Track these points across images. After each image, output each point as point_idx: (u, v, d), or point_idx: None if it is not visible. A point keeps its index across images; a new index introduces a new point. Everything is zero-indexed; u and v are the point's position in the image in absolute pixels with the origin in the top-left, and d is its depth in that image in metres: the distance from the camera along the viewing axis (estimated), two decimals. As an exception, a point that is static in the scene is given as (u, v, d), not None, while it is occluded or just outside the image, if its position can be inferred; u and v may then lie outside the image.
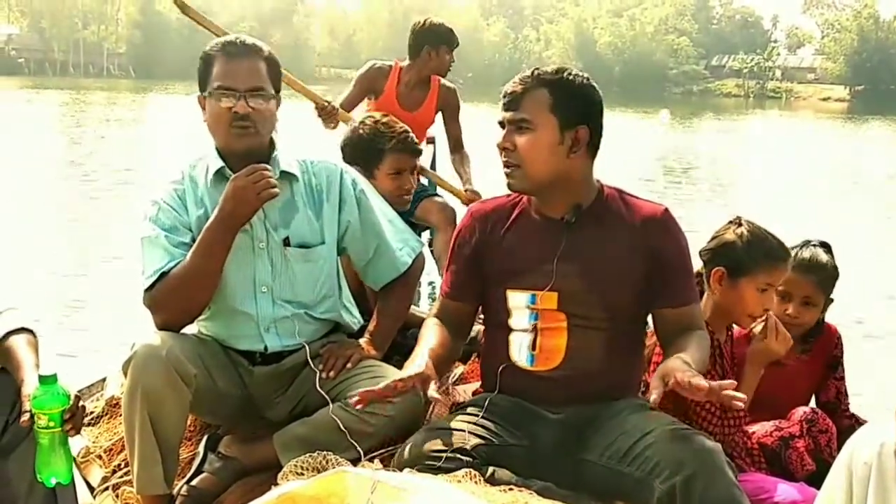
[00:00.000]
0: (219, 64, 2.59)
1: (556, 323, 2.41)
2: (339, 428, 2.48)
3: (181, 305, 2.60)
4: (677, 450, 2.13)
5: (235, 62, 2.58)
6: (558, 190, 2.44)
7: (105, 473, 2.89)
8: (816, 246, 3.03)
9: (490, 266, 2.52)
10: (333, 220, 2.76)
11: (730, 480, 2.08)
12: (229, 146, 2.62)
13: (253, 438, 2.73)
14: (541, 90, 2.39)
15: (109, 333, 5.78)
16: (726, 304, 2.74)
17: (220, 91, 2.56)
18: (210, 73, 2.59)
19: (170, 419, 2.50)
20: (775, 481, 2.63)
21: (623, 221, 2.45)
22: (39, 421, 2.20)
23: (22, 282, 7.44)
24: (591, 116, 2.41)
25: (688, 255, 2.49)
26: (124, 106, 31.99)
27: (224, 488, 2.66)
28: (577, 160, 2.41)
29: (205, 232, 2.56)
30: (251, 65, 2.59)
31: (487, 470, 2.15)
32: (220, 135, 2.62)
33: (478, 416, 2.36)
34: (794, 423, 2.81)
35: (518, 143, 2.40)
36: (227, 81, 2.56)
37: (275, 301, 2.70)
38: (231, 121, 2.57)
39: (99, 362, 4.80)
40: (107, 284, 7.37)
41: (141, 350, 2.48)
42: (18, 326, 2.49)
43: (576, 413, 2.39)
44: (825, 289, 3.00)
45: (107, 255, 8.60)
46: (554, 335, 2.41)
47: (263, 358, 2.72)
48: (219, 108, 2.57)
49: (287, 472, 2.12)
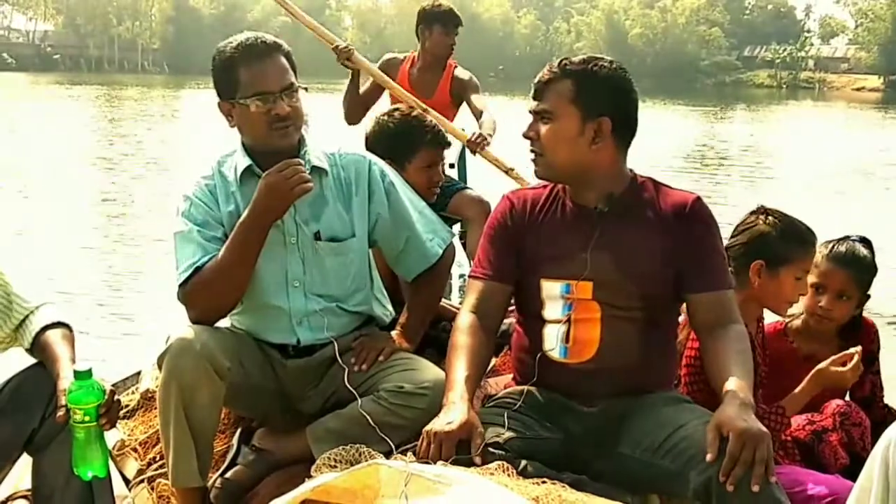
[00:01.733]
0: (245, 69, 2.57)
1: (590, 314, 2.40)
2: (370, 422, 2.48)
3: (215, 300, 2.62)
4: None
5: (263, 64, 2.57)
6: (587, 179, 2.44)
7: (140, 466, 2.92)
8: (856, 241, 2.99)
9: (525, 253, 2.50)
10: (363, 213, 2.76)
11: None
12: (273, 146, 2.61)
13: (286, 431, 2.75)
14: (565, 81, 2.40)
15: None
16: (765, 295, 2.72)
17: (256, 97, 2.56)
18: (235, 80, 2.58)
19: (204, 412, 2.52)
20: (809, 473, 2.61)
21: (656, 210, 2.44)
22: (75, 416, 2.22)
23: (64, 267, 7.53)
24: (616, 107, 2.40)
25: (721, 241, 2.48)
26: (158, 101, 32.26)
27: (258, 481, 2.68)
28: (602, 150, 2.40)
29: (238, 228, 2.57)
30: (278, 63, 2.59)
31: (520, 463, 2.15)
32: (260, 137, 2.62)
33: (511, 410, 2.36)
34: (828, 417, 2.79)
35: (541, 133, 2.42)
36: (261, 86, 2.56)
37: (307, 295, 2.70)
38: (272, 123, 2.58)
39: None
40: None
41: (175, 344, 2.49)
42: (54, 321, 2.52)
43: (609, 406, 2.38)
44: (861, 284, 2.96)
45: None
46: (587, 326, 2.40)
47: (296, 351, 2.73)
48: (257, 114, 2.57)
49: (320, 465, 2.13)
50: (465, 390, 2.27)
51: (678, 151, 19.29)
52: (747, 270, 2.73)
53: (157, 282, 7.07)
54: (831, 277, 2.92)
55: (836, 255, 2.92)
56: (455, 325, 2.49)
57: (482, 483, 1.91)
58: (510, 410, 2.35)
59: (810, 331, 3.04)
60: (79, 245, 9.12)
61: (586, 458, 2.32)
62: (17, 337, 2.53)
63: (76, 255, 8.71)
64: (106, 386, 2.27)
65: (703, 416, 2.25)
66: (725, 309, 2.39)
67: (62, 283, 7.09)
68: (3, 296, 2.51)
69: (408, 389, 2.53)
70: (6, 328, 2.51)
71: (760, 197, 2.25)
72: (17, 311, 2.52)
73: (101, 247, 9.19)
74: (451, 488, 1.81)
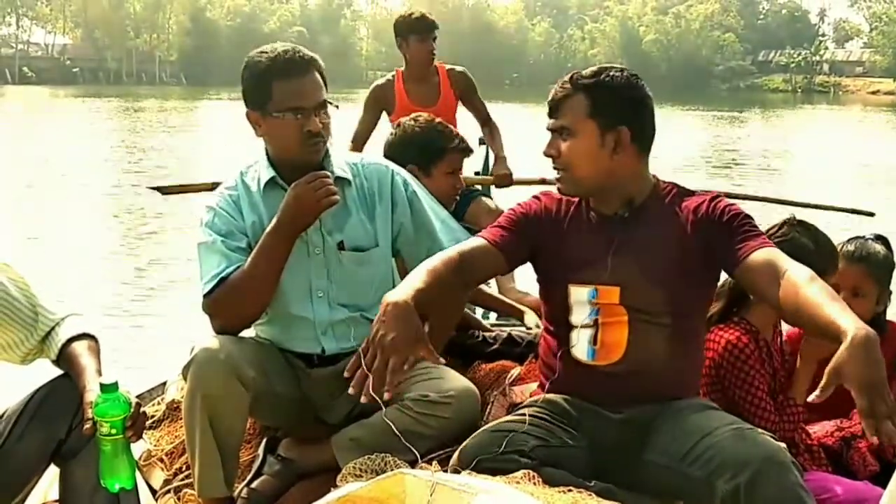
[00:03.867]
0: (281, 84, 2.57)
1: (617, 317, 2.39)
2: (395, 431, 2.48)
3: (240, 311, 2.63)
4: (741, 449, 2.10)
5: (300, 80, 2.59)
6: (609, 188, 2.44)
7: (166, 476, 2.92)
8: (869, 238, 2.98)
9: (549, 258, 2.49)
10: (387, 223, 2.77)
11: (795, 480, 2.05)
12: (303, 161, 2.63)
13: (311, 441, 2.74)
14: (578, 95, 2.40)
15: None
16: None
17: (290, 111, 2.57)
18: (268, 92, 2.58)
19: (229, 422, 2.53)
20: (838, 480, 2.59)
21: (678, 213, 2.43)
22: (101, 428, 2.22)
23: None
24: (633, 115, 2.40)
25: (749, 217, 2.41)
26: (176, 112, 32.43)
27: (283, 490, 2.68)
28: (623, 158, 2.40)
29: (264, 239, 2.59)
30: (314, 80, 2.61)
31: (546, 471, 2.15)
32: (290, 151, 2.63)
33: (536, 418, 2.35)
34: (857, 423, 2.76)
35: (561, 150, 2.42)
36: (297, 102, 2.57)
37: (331, 305, 2.71)
38: (305, 139, 2.59)
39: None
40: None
41: (200, 354, 2.51)
42: (80, 332, 2.54)
43: (636, 413, 2.37)
44: (877, 279, 2.93)
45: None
46: (615, 329, 2.39)
47: (321, 360, 2.74)
48: (291, 128, 2.58)
49: (346, 475, 2.13)
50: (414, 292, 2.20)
51: (693, 155, 19.24)
52: None
53: (182, 291, 7.10)
54: (844, 275, 2.89)
55: (846, 253, 2.91)
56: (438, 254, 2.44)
57: (508, 492, 1.91)
58: (535, 418, 2.35)
59: None
60: (100, 255, 9.17)
61: (611, 466, 2.31)
62: (43, 348, 2.54)
63: (98, 264, 8.77)
64: (132, 398, 2.27)
65: (732, 423, 2.24)
66: (780, 259, 2.28)
67: (84, 294, 7.13)
68: (30, 307, 2.52)
69: (433, 398, 2.54)
70: (32, 340, 2.53)
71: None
72: (42, 322, 2.53)
73: (123, 256, 9.24)
74: (477, 497, 1.81)
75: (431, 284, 2.28)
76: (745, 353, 2.62)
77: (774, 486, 2.02)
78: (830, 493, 2.50)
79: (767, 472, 2.04)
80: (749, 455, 2.08)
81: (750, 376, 2.61)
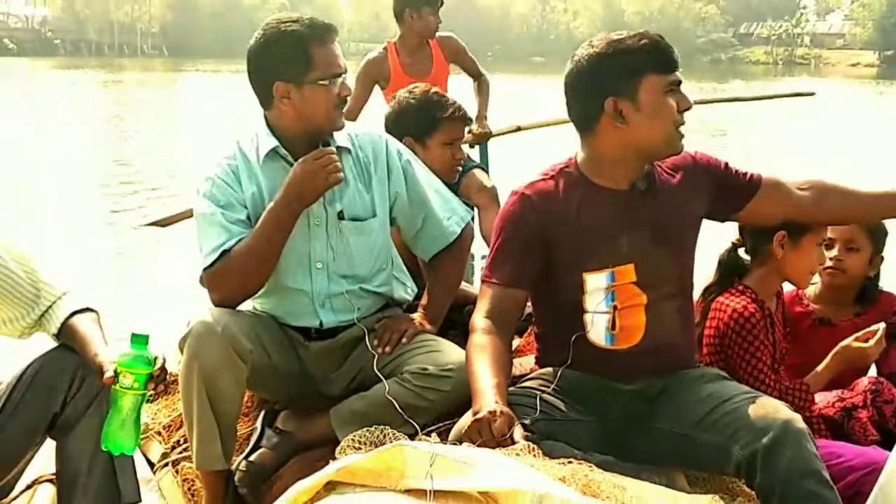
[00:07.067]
0: (322, 50, 2.56)
1: (635, 300, 2.38)
2: (395, 404, 2.48)
3: (241, 284, 2.62)
4: (759, 416, 2.13)
5: (333, 46, 2.59)
6: None
7: (164, 450, 2.93)
8: None
9: (561, 251, 2.41)
10: (383, 192, 2.76)
11: (811, 449, 2.08)
12: (331, 126, 2.64)
13: (310, 414, 2.75)
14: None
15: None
16: (788, 266, 2.72)
17: (332, 78, 2.57)
18: (308, 60, 2.55)
19: (227, 395, 2.52)
20: (844, 445, 2.61)
21: (672, 179, 2.45)
22: (124, 380, 2.19)
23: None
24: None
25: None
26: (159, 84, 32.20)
27: (282, 463, 2.69)
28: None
29: (268, 213, 2.57)
30: (338, 46, 2.62)
31: (546, 444, 2.15)
32: (319, 120, 2.62)
33: (538, 391, 2.35)
34: (858, 394, 2.78)
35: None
36: (336, 68, 2.58)
37: (330, 277, 2.70)
38: (336, 105, 2.60)
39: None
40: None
41: (197, 327, 2.49)
42: (82, 307, 2.52)
43: (649, 384, 2.39)
44: (869, 234, 2.95)
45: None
46: (633, 313, 2.38)
47: (319, 333, 2.73)
48: (328, 96, 2.58)
49: (345, 447, 2.13)
50: (499, 396, 2.15)
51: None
52: (767, 245, 2.73)
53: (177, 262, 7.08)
54: (836, 231, 2.91)
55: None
56: (471, 326, 2.40)
57: (508, 464, 1.91)
58: (540, 393, 2.34)
59: (826, 295, 3.04)
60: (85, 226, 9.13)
61: (620, 437, 2.32)
62: (42, 323, 2.52)
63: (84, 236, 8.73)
64: (158, 357, 2.26)
65: (748, 391, 2.28)
66: (787, 183, 2.50)
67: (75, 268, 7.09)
68: (31, 283, 2.50)
69: (432, 371, 2.54)
70: (33, 315, 2.51)
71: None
72: (44, 298, 2.52)
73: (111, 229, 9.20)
74: (477, 468, 1.81)
75: (505, 374, 2.27)
76: (751, 322, 2.63)
77: (791, 452, 2.05)
78: (839, 458, 2.52)
79: (784, 439, 2.06)
80: (767, 422, 2.10)
81: (754, 346, 2.62)
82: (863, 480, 2.42)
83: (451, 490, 1.72)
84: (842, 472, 2.47)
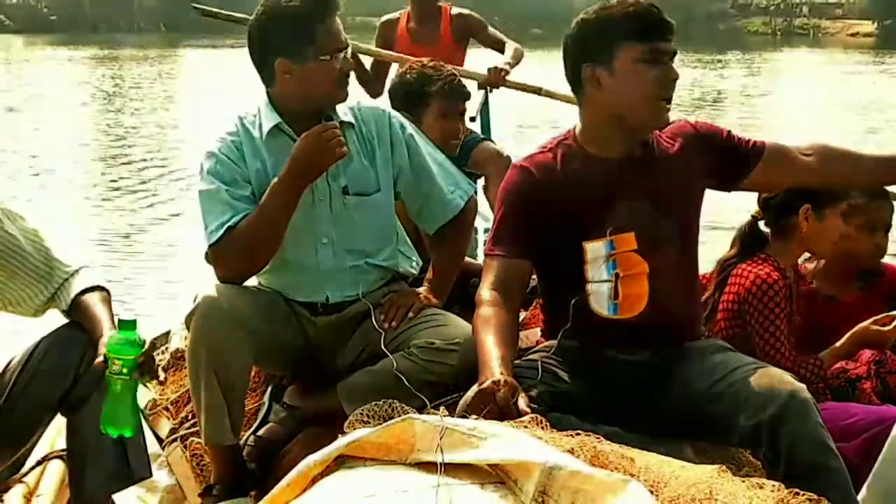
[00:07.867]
0: (324, 25, 2.56)
1: (636, 268, 2.37)
2: (402, 379, 2.49)
3: (247, 260, 2.62)
4: (765, 387, 2.14)
5: (334, 20, 2.58)
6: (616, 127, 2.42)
7: (173, 425, 2.95)
8: None
9: (560, 222, 2.41)
10: (387, 166, 2.75)
11: (816, 420, 2.09)
12: (333, 101, 2.64)
13: (317, 389, 2.76)
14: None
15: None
16: (812, 238, 2.75)
17: (333, 53, 2.57)
18: (311, 37, 2.55)
19: (234, 371, 2.53)
20: (855, 405, 2.63)
21: (669, 146, 2.45)
22: (113, 366, 2.21)
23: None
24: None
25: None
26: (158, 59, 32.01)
27: (290, 438, 2.71)
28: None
29: (272, 188, 2.57)
30: (339, 20, 2.61)
31: (553, 416, 2.15)
32: (321, 95, 2.62)
33: (544, 363, 2.35)
34: (862, 364, 2.79)
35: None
36: (337, 43, 2.58)
37: (335, 251, 2.70)
38: (339, 79, 2.60)
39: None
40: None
41: (203, 303, 2.50)
42: (93, 284, 2.53)
43: (654, 354, 2.39)
44: None
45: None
46: (635, 281, 2.37)
47: (325, 308, 2.73)
48: (331, 71, 2.58)
49: (353, 421, 2.13)
50: (503, 367, 2.16)
51: (675, 98, 19.14)
52: (789, 217, 2.74)
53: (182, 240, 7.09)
54: (880, 213, 2.85)
55: (879, 191, 2.89)
56: (477, 299, 2.41)
57: (517, 436, 1.92)
58: (544, 364, 2.35)
59: (831, 272, 3.03)
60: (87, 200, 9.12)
61: (625, 408, 2.32)
62: (54, 299, 2.53)
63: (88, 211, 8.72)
64: (147, 340, 2.27)
65: (753, 362, 2.28)
66: (791, 149, 2.49)
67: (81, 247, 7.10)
68: (44, 261, 2.51)
69: (438, 345, 2.54)
70: (46, 293, 2.52)
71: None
72: (57, 275, 2.53)
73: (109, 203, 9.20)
74: (486, 441, 1.81)
75: (510, 345, 2.29)
76: (773, 289, 2.65)
77: (797, 423, 2.06)
78: (852, 416, 2.53)
79: (790, 410, 2.07)
80: (773, 393, 2.11)
81: (774, 314, 2.64)
82: (876, 435, 2.44)
83: (461, 462, 1.73)
84: (856, 429, 2.49)
